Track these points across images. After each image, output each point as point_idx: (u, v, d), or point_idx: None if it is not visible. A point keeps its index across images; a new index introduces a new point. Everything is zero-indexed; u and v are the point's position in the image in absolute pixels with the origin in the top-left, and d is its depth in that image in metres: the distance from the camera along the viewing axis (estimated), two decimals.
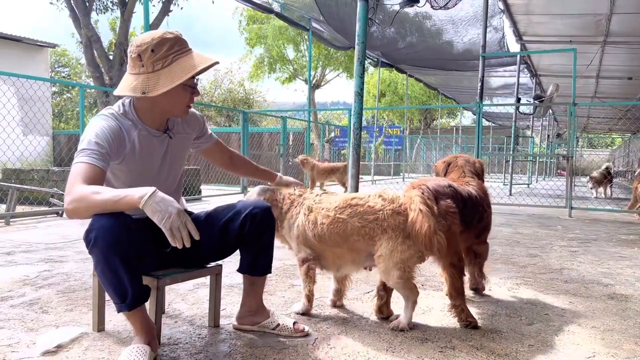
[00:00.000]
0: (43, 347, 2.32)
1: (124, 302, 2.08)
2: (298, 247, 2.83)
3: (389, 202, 2.66)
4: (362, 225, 2.62)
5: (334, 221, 2.67)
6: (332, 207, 2.71)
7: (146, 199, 1.92)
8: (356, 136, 4.28)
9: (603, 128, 35.09)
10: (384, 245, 2.60)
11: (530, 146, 23.06)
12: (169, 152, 2.45)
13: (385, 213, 2.61)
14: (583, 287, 3.77)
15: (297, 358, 2.29)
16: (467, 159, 3.53)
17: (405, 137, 26.21)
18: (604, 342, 2.63)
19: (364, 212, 2.64)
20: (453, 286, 2.85)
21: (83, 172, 2.02)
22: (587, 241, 5.96)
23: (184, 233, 1.94)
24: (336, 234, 2.67)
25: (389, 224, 2.59)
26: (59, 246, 4.89)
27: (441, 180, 3.08)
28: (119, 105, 2.33)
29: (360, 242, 2.66)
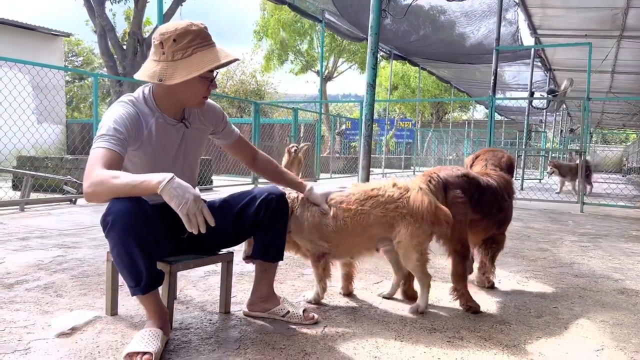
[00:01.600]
0: (58, 329, 2.37)
1: (138, 286, 2.13)
2: (313, 243, 2.79)
3: (405, 190, 2.77)
4: (384, 215, 2.72)
5: (357, 213, 2.73)
6: (353, 199, 2.76)
7: (164, 184, 1.95)
8: (367, 127, 4.28)
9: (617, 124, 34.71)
10: (402, 231, 2.71)
11: (543, 141, 22.87)
12: (184, 142, 2.48)
13: (405, 201, 2.72)
14: (593, 282, 3.76)
15: (307, 345, 2.32)
16: (494, 153, 3.57)
17: (417, 130, 26.11)
18: (613, 336, 2.63)
19: (385, 201, 2.73)
20: (455, 270, 2.93)
21: (102, 156, 2.06)
22: (599, 236, 5.93)
23: (200, 219, 1.97)
24: (359, 225, 2.73)
25: (408, 211, 2.71)
26: (73, 232, 4.96)
27: (454, 169, 3.09)
28: (139, 92, 2.37)
29: (379, 230, 2.76)
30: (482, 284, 3.47)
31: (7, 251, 4.03)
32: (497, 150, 3.63)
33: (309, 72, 30.73)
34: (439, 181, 2.92)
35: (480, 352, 2.33)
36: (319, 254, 2.82)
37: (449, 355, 2.28)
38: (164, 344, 2.19)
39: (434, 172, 2.99)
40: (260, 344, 2.31)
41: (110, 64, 9.60)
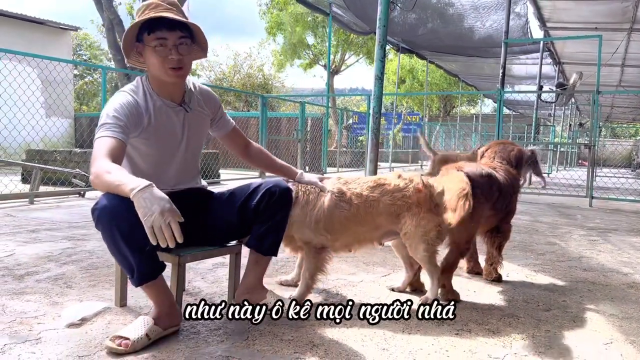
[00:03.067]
0: (68, 319, 2.39)
1: (132, 277, 2.19)
2: (316, 233, 2.70)
3: (409, 181, 2.79)
4: (392, 203, 2.73)
5: (367, 200, 2.72)
6: (364, 187, 2.76)
7: (136, 191, 1.91)
8: (375, 120, 4.27)
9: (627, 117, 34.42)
10: (408, 222, 2.74)
11: (552, 135, 22.73)
12: (186, 126, 2.48)
13: (410, 191, 2.75)
14: (602, 276, 3.74)
15: (315, 337, 2.33)
16: (504, 146, 3.54)
17: (424, 124, 26.01)
18: (622, 330, 2.61)
19: (393, 190, 2.75)
20: (446, 260, 2.97)
21: (104, 145, 2.11)
22: (608, 230, 5.89)
23: (167, 234, 1.88)
24: (367, 212, 2.73)
25: (413, 201, 2.74)
26: (82, 225, 4.99)
27: (479, 167, 3.13)
28: (137, 80, 2.42)
29: (385, 219, 2.76)
30: (489, 276, 3.46)
31: (17, 243, 4.07)
32: (507, 143, 3.61)
33: (316, 66, 30.65)
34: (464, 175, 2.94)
35: (488, 344, 2.33)
36: (319, 246, 2.73)
37: (456, 348, 2.28)
38: (156, 334, 2.18)
39: (459, 168, 3.00)
40: (269, 335, 2.32)
41: (118, 57, 9.61)
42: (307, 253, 2.77)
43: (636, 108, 27.25)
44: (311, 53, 29.42)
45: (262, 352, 2.14)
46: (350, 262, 3.81)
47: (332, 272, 3.42)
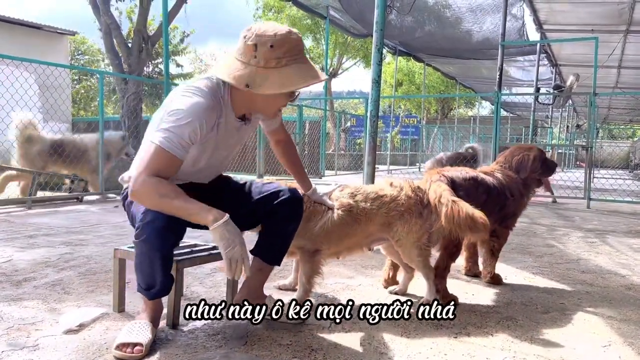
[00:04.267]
0: (66, 325, 2.38)
1: (148, 291, 2.23)
2: (313, 242, 2.70)
3: (400, 189, 2.84)
4: (387, 214, 2.77)
5: (367, 214, 2.75)
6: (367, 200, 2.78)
7: (219, 224, 2.00)
8: (373, 124, 4.27)
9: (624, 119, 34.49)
10: (400, 230, 2.79)
11: (549, 137, 22.77)
12: (239, 136, 2.45)
13: (403, 199, 2.80)
14: (600, 278, 3.75)
15: (313, 341, 2.32)
16: (512, 152, 3.55)
17: (422, 126, 26.05)
18: (621, 332, 2.62)
19: (389, 201, 2.79)
20: (437, 265, 2.98)
21: (159, 159, 2.00)
22: (606, 232, 5.90)
23: (239, 266, 2.03)
24: (364, 225, 2.76)
25: (405, 209, 2.78)
26: (79, 230, 4.99)
27: (463, 171, 3.17)
28: (219, 84, 2.21)
29: (378, 229, 2.81)
30: (485, 278, 3.48)
31: (15, 249, 4.06)
32: (520, 148, 3.59)
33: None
34: (447, 178, 3.00)
35: (487, 348, 2.33)
36: (312, 250, 2.73)
37: (455, 351, 2.28)
38: (154, 336, 2.23)
39: (441, 172, 3.07)
40: (267, 340, 2.32)
41: (116, 62, 9.61)
42: (301, 257, 2.78)
43: (633, 109, 27.31)
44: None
45: (261, 357, 2.13)
46: (349, 265, 3.81)
47: (330, 276, 3.43)
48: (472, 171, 3.21)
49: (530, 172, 3.43)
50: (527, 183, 3.46)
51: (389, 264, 3.23)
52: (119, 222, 5.50)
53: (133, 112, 9.62)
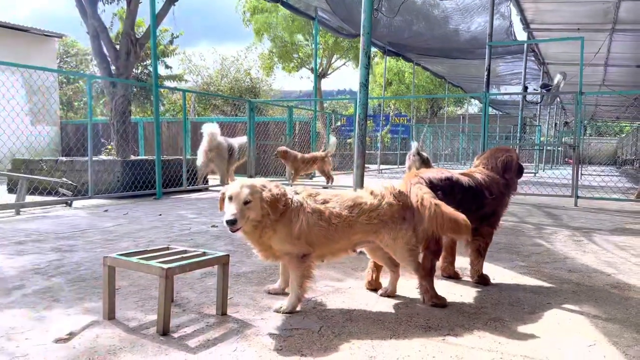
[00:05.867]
0: (55, 334, 2.39)
1: None
2: (294, 246, 2.74)
3: (382, 197, 2.92)
4: (368, 222, 2.85)
5: (345, 220, 2.81)
6: (342, 206, 2.84)
7: None
8: (361, 127, 4.30)
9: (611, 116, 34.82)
10: (386, 237, 2.89)
11: (537, 135, 22.95)
12: None
13: (384, 208, 2.88)
14: (587, 277, 3.80)
15: (303, 346, 2.34)
16: (494, 152, 3.63)
17: (412, 126, 26.13)
18: (606, 331, 2.66)
19: (369, 209, 2.86)
20: (423, 266, 3.02)
21: None
22: (592, 230, 5.97)
23: None
24: (345, 232, 2.83)
25: (388, 217, 2.87)
26: (69, 235, 4.96)
27: (438, 172, 3.25)
28: None
29: (362, 236, 2.90)
30: (471, 278, 3.54)
31: (3, 255, 4.04)
32: (501, 150, 3.67)
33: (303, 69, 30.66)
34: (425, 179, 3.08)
35: (475, 349, 2.36)
36: (301, 254, 2.76)
37: (444, 354, 2.31)
38: None
39: (418, 174, 3.16)
40: (257, 345, 2.33)
41: (104, 65, 9.55)
42: (290, 264, 2.80)
43: (620, 106, 27.59)
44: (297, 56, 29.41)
45: None
46: (339, 268, 3.83)
47: (320, 279, 3.45)
48: (447, 172, 3.28)
49: (513, 173, 3.51)
50: (509, 183, 3.52)
51: (371, 266, 3.27)
52: (108, 227, 5.48)
53: (122, 115, 9.57)
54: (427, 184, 3.06)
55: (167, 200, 8.33)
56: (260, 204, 2.63)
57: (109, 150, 10.48)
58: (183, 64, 32.45)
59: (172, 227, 5.59)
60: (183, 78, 29.27)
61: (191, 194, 9.36)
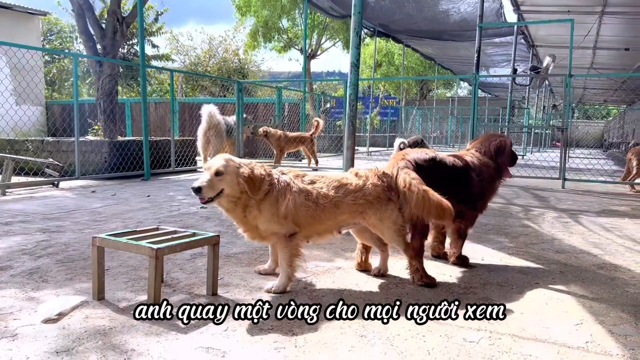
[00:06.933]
0: (44, 314, 2.37)
1: None
2: (282, 226, 2.74)
3: (366, 178, 2.94)
4: (354, 203, 2.87)
5: (332, 200, 2.82)
6: (329, 187, 2.85)
7: None
8: (352, 108, 4.27)
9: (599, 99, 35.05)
10: (372, 218, 2.92)
11: (526, 118, 23.06)
12: None
13: (370, 188, 2.90)
14: (574, 257, 3.85)
15: (294, 325, 2.35)
16: (487, 137, 3.65)
17: (401, 108, 26.12)
18: (592, 310, 2.70)
19: (355, 190, 2.87)
20: (412, 246, 3.04)
21: None
22: (579, 212, 6.03)
23: None
24: (331, 212, 2.83)
25: (373, 198, 2.89)
26: (56, 216, 4.92)
27: (423, 153, 3.25)
28: None
29: (348, 217, 2.91)
30: (449, 258, 3.58)
31: None
32: (495, 135, 3.71)
33: (292, 50, 30.37)
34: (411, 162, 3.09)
35: (464, 328, 2.38)
36: (288, 234, 2.76)
37: (433, 333, 2.33)
38: None
39: (406, 154, 3.15)
40: (248, 325, 2.34)
41: (90, 43, 9.38)
42: (278, 243, 2.81)
43: (608, 89, 27.76)
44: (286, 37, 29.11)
45: (242, 342, 2.15)
46: (328, 248, 3.84)
47: (310, 260, 3.46)
48: (431, 152, 3.28)
49: (506, 158, 3.52)
50: (500, 168, 3.53)
51: (360, 247, 3.28)
52: (96, 208, 5.44)
53: (109, 95, 9.44)
54: (413, 165, 3.05)
55: (155, 181, 8.28)
56: (236, 179, 2.63)
57: (96, 130, 10.34)
58: (170, 44, 32.02)
59: (161, 208, 5.56)
60: (170, 58, 28.89)
61: (180, 175, 9.31)
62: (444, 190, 3.06)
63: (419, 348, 2.17)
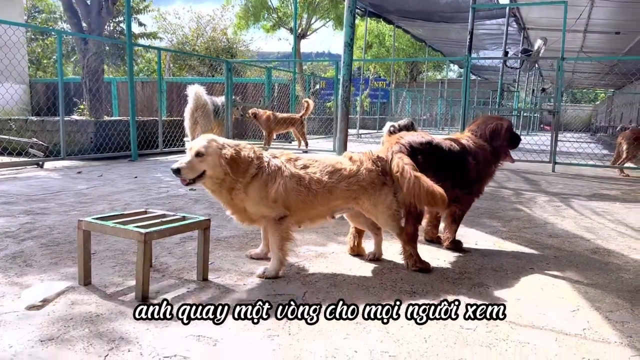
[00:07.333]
0: (28, 301, 2.28)
1: None
2: (271, 209, 2.68)
3: (360, 163, 2.87)
4: (348, 189, 2.80)
5: (325, 186, 2.74)
6: (322, 172, 2.77)
7: None
8: (345, 89, 4.18)
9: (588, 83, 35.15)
10: (367, 203, 2.85)
11: (515, 101, 23.07)
12: None
13: (364, 174, 2.83)
14: (567, 242, 3.83)
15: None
16: (484, 120, 3.56)
17: (392, 90, 26.00)
18: (588, 296, 2.67)
19: (348, 175, 2.80)
20: (406, 231, 2.98)
21: None
22: (570, 196, 6.03)
23: None
24: (324, 198, 2.77)
25: (368, 183, 2.83)
26: (41, 198, 4.79)
27: (419, 136, 3.18)
28: None
29: (342, 202, 2.85)
30: (443, 243, 3.54)
31: None
32: (492, 117, 3.63)
33: (281, 29, 29.97)
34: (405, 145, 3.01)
35: (461, 315, 2.34)
36: (278, 217, 2.69)
37: (430, 321, 2.28)
38: None
39: (401, 137, 3.08)
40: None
41: (74, 20, 9.12)
42: (268, 227, 2.75)
43: (597, 74, 27.81)
44: (275, 15, 28.71)
45: (234, 331, 2.09)
46: (321, 232, 3.78)
47: (303, 244, 3.40)
48: (427, 136, 3.21)
49: (502, 141, 3.44)
50: (497, 152, 3.47)
51: (353, 232, 3.22)
52: (82, 190, 5.32)
53: (94, 74, 9.22)
54: (407, 149, 2.98)
55: (142, 162, 8.14)
56: (218, 161, 2.55)
57: (82, 110, 10.12)
58: (157, 22, 31.46)
59: (148, 190, 5.45)
60: (157, 36, 28.36)
61: (168, 156, 9.17)
62: (440, 174, 3.00)
63: (415, 335, 2.12)
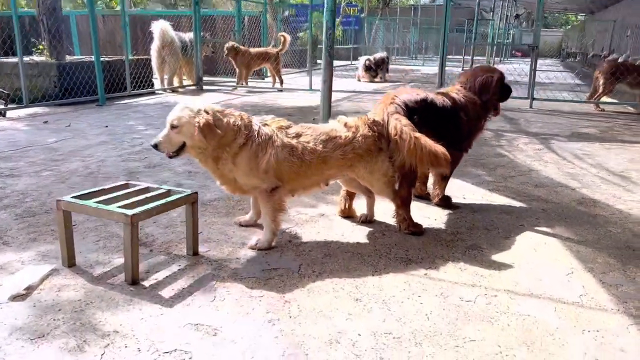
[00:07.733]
0: (12, 289, 2.16)
1: None
2: (262, 180, 2.57)
3: (356, 129, 2.74)
4: (343, 157, 2.69)
5: (319, 156, 2.63)
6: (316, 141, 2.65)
7: None
8: (329, 36, 3.95)
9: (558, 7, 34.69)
10: (362, 171, 2.77)
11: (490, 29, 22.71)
12: None
13: (359, 141, 2.71)
14: (553, 192, 3.83)
15: (285, 289, 2.24)
16: (474, 73, 3.42)
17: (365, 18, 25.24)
18: (580, 256, 2.69)
19: (344, 143, 2.68)
20: (400, 194, 2.93)
21: None
22: (551, 136, 6.03)
23: None
24: (318, 167, 2.66)
25: (364, 151, 2.72)
26: (8, 155, 4.53)
27: (414, 93, 3.06)
28: None
29: (337, 170, 2.76)
30: (433, 199, 3.50)
31: None
32: (483, 69, 3.48)
33: None
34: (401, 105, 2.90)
35: (458, 285, 2.33)
36: (269, 188, 2.59)
37: (428, 292, 2.26)
38: None
39: (395, 96, 2.95)
40: (237, 292, 2.21)
41: None
42: (260, 198, 2.65)
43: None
44: None
45: (233, 315, 2.03)
46: None
47: (292, 206, 3.31)
48: (422, 93, 3.08)
49: (492, 95, 3.33)
50: (486, 106, 3.37)
51: (344, 194, 3.15)
52: (51, 143, 5.05)
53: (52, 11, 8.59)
54: (403, 109, 2.86)
55: (111, 107, 7.77)
56: (193, 130, 2.43)
57: (41, 50, 9.48)
58: None
59: (122, 142, 5.22)
60: None
61: (137, 99, 8.77)
62: (435, 132, 2.90)
63: (417, 312, 2.10)
